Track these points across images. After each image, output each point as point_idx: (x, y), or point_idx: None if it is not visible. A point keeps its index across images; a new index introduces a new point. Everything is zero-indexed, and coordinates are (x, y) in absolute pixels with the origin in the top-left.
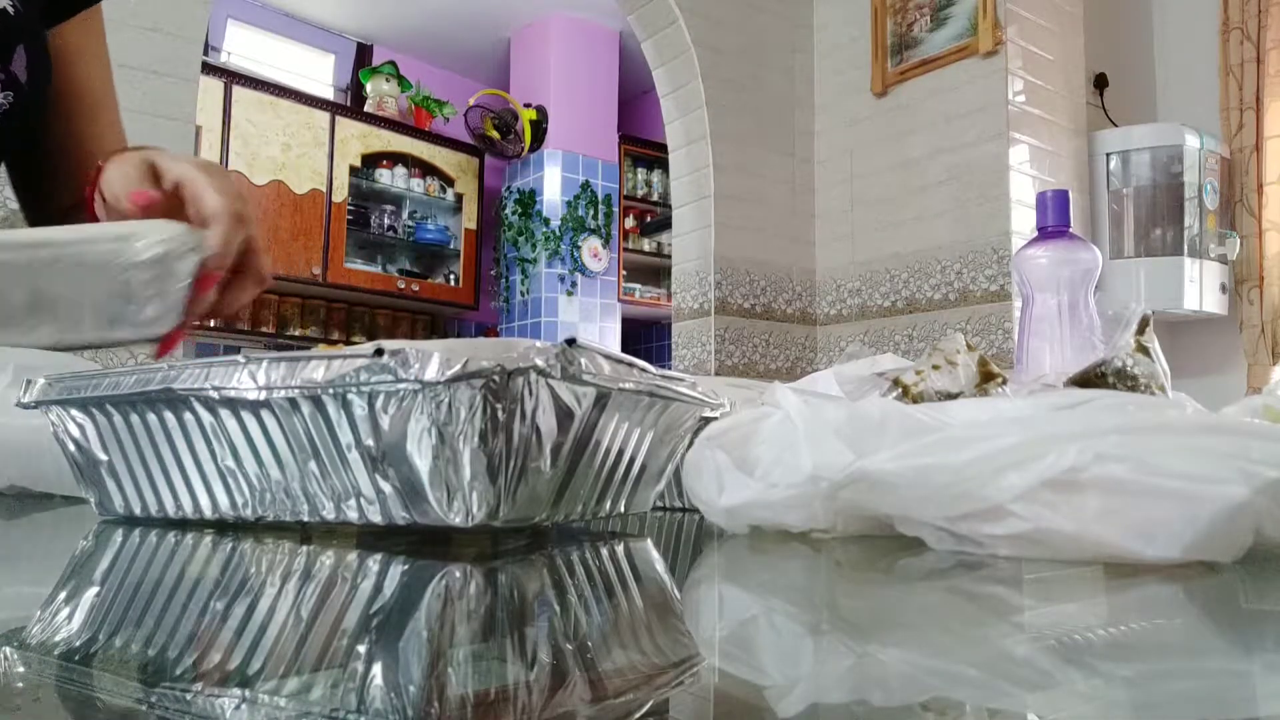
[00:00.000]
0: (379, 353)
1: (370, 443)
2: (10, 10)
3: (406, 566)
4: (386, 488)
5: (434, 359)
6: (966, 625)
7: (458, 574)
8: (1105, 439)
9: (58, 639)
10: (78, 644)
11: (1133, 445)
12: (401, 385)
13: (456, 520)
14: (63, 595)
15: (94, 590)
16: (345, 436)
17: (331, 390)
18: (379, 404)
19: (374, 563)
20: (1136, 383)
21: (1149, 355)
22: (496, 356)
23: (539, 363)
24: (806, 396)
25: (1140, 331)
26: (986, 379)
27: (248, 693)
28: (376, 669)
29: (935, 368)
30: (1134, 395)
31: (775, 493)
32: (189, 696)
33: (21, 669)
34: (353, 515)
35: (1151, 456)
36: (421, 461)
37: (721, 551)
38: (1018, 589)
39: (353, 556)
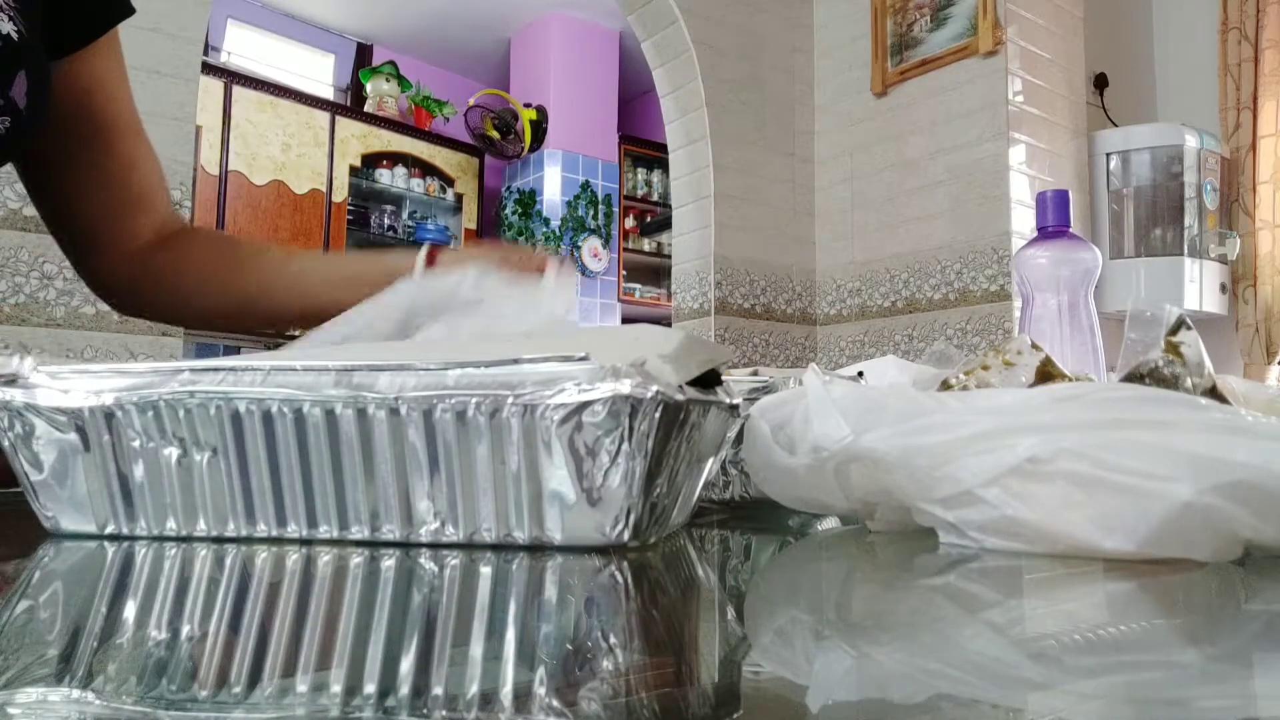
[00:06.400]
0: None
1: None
2: (14, 36)
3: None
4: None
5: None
6: (973, 627)
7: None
8: (1069, 433)
9: (96, 648)
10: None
11: (1095, 440)
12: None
13: (610, 538)
14: (106, 607)
15: (140, 600)
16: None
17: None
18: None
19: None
20: (1169, 384)
21: (1181, 356)
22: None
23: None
24: (827, 375)
25: (1173, 332)
26: (1043, 380)
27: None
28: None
29: (984, 368)
30: (1136, 388)
31: (798, 460)
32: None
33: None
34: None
35: (1109, 452)
36: (573, 476)
37: (725, 553)
38: (1018, 589)
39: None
